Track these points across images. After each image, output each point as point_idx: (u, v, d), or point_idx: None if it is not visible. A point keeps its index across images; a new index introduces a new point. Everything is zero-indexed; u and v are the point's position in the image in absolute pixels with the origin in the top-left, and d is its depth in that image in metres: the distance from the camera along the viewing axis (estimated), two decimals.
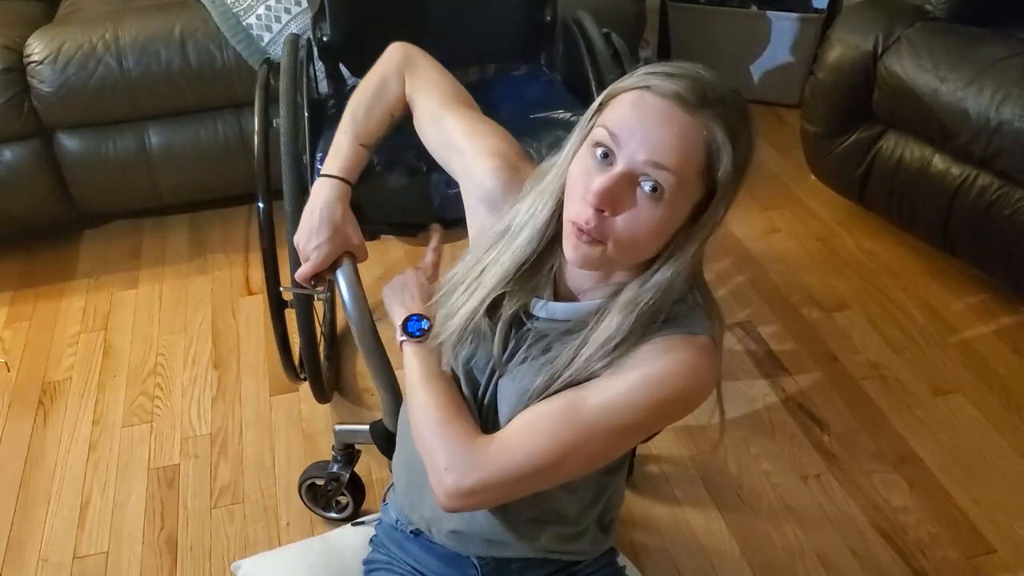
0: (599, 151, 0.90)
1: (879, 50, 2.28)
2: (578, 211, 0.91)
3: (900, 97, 2.25)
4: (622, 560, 1.31)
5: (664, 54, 3.31)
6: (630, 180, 0.88)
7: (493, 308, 1.03)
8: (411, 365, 1.08)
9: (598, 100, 0.94)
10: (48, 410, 2.09)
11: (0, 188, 2.43)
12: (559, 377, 0.98)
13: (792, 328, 2.26)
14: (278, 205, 1.58)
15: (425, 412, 1.04)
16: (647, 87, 0.88)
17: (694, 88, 0.87)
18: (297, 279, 1.28)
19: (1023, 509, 1.79)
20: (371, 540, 1.33)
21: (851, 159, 2.44)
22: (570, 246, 0.93)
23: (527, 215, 1.01)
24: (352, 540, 1.43)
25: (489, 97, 1.75)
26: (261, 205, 1.67)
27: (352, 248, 1.27)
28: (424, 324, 1.11)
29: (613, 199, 0.88)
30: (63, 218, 2.59)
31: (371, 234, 1.53)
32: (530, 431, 0.98)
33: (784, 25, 3.09)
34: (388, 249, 2.53)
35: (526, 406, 1.00)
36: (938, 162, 2.24)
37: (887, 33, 2.28)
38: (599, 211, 0.89)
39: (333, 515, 1.79)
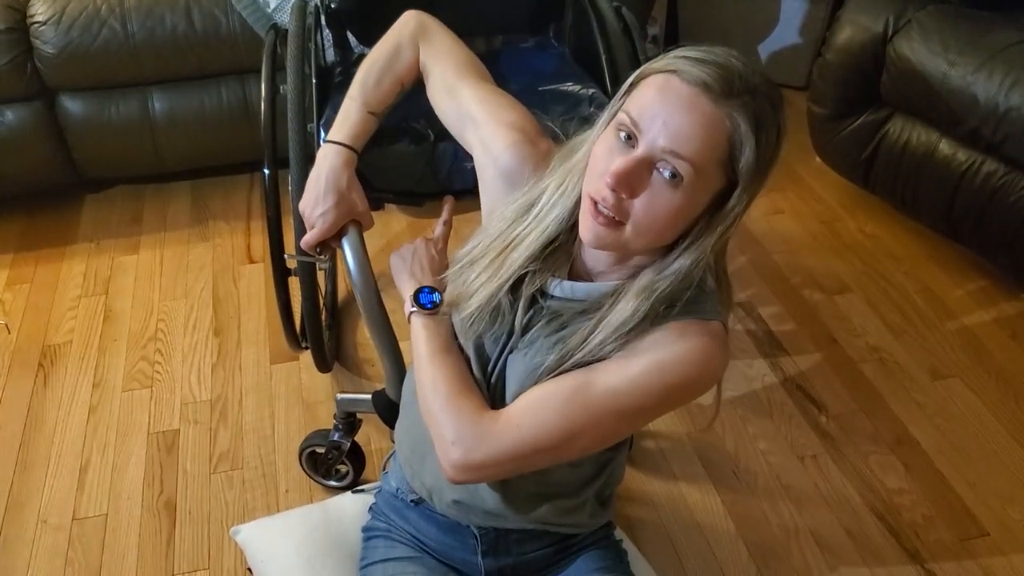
0: (622, 133, 0.89)
1: (889, 32, 2.27)
2: (596, 188, 0.90)
3: (909, 80, 2.24)
4: (618, 534, 1.32)
5: (672, 31, 3.29)
6: (649, 165, 0.87)
7: (515, 286, 1.03)
8: (419, 337, 1.08)
9: (629, 80, 0.93)
10: (48, 372, 2.09)
11: (1, 149, 2.42)
12: (571, 357, 0.98)
13: (793, 309, 2.26)
14: (282, 173, 1.57)
15: (433, 385, 1.04)
16: (675, 71, 0.87)
17: (722, 77, 0.85)
18: (302, 246, 1.27)
19: (1017, 493, 1.80)
20: (370, 508, 1.33)
21: (857, 142, 2.43)
22: (586, 224, 0.92)
23: (556, 193, 1.00)
24: (351, 508, 1.43)
25: (497, 69, 1.73)
26: (267, 172, 1.66)
27: (358, 215, 1.27)
28: (436, 297, 1.10)
29: (630, 182, 0.88)
30: (65, 181, 2.58)
31: (375, 203, 1.52)
32: (540, 409, 0.98)
33: (794, 5, 3.07)
34: (391, 220, 2.53)
35: (536, 383, 1.00)
36: (944, 147, 2.23)
37: (898, 15, 2.27)
38: (615, 192, 0.88)
39: (333, 483, 1.80)
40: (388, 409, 1.42)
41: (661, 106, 0.87)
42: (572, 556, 1.22)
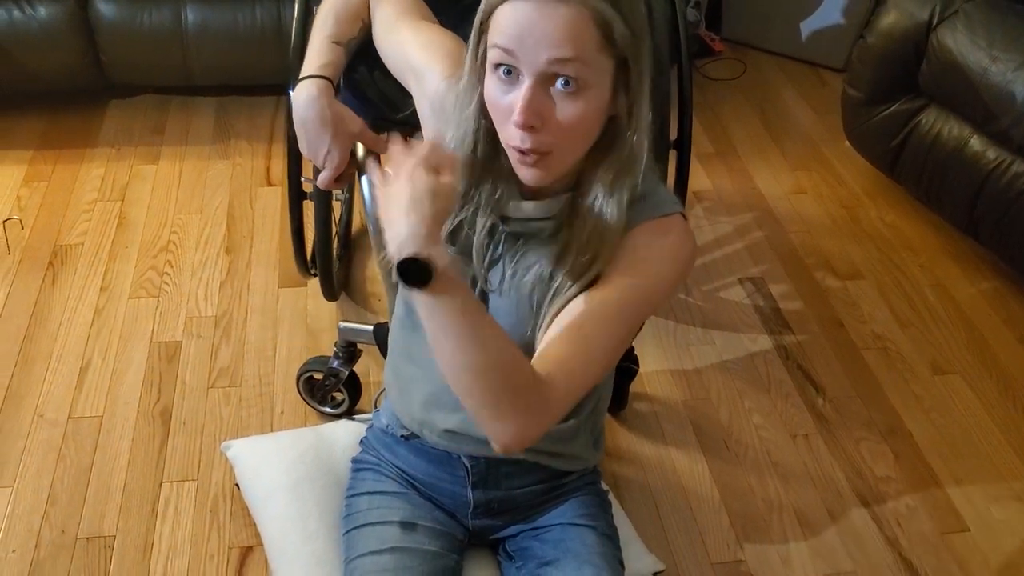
0: (502, 70, 0.90)
1: (934, 21, 2.23)
2: (511, 135, 0.92)
3: (948, 72, 2.21)
4: (604, 486, 1.33)
5: (715, 4, 3.24)
6: (543, 85, 0.89)
7: (455, 233, 1.03)
8: (432, 318, 0.88)
9: (478, 21, 0.93)
10: (57, 271, 2.11)
11: (32, 46, 2.42)
12: (562, 278, 0.98)
13: (803, 290, 2.26)
14: None
15: (485, 369, 0.90)
16: None
17: None
18: (320, 187, 1.27)
19: (1002, 494, 1.80)
20: (361, 441, 1.34)
21: (888, 129, 2.40)
22: (522, 172, 0.95)
23: (454, 145, 1.01)
24: (344, 436, 1.45)
25: None
26: (292, 94, 1.65)
27: (360, 137, 1.24)
28: (428, 261, 0.83)
29: (538, 112, 0.89)
30: (91, 84, 2.57)
31: (404, 137, 1.51)
32: (562, 347, 0.96)
33: None
34: None
35: (549, 302, 1.00)
36: (975, 143, 2.21)
37: (945, 4, 2.23)
38: (530, 128, 0.90)
39: (327, 410, 1.81)
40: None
41: (523, 29, 0.87)
42: (559, 499, 1.23)
